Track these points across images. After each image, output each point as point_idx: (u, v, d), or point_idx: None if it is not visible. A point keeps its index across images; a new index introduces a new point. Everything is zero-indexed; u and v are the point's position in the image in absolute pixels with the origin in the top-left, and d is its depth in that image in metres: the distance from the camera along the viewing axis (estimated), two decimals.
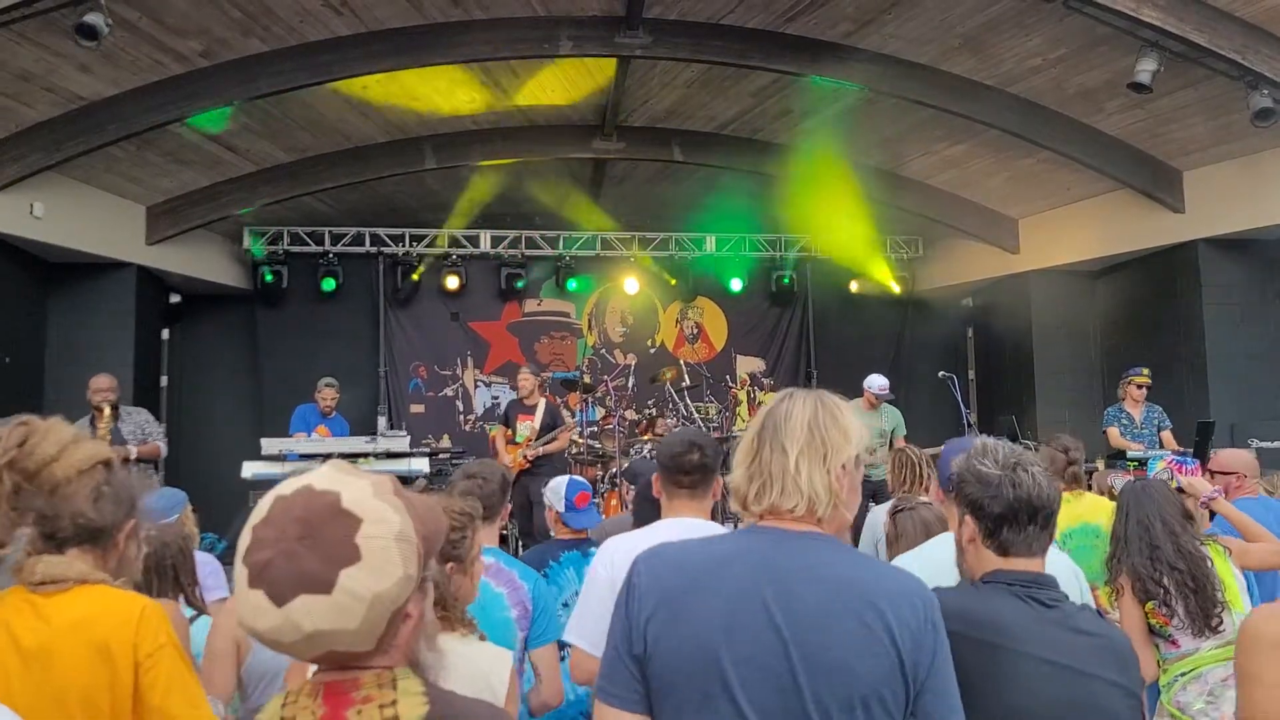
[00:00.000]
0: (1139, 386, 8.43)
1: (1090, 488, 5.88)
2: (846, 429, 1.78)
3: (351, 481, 1.34)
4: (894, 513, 3.49)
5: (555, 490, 4.26)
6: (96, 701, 1.90)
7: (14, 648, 1.88)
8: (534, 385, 9.24)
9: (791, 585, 1.66)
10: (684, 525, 2.88)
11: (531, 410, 9.14)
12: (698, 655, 1.63)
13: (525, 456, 8.89)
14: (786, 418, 1.77)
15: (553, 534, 4.31)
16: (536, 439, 8.97)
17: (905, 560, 2.70)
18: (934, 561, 2.39)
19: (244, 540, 1.29)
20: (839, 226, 11.86)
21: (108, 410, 7.46)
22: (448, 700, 1.38)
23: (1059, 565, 2.89)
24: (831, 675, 1.61)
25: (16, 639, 1.89)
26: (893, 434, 9.19)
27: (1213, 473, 4.99)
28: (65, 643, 1.90)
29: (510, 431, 9.20)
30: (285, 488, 1.34)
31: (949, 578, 2.21)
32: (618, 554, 2.88)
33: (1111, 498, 4.34)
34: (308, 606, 1.24)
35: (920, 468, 4.98)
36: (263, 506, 1.32)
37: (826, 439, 1.75)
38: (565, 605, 3.55)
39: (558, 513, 4.18)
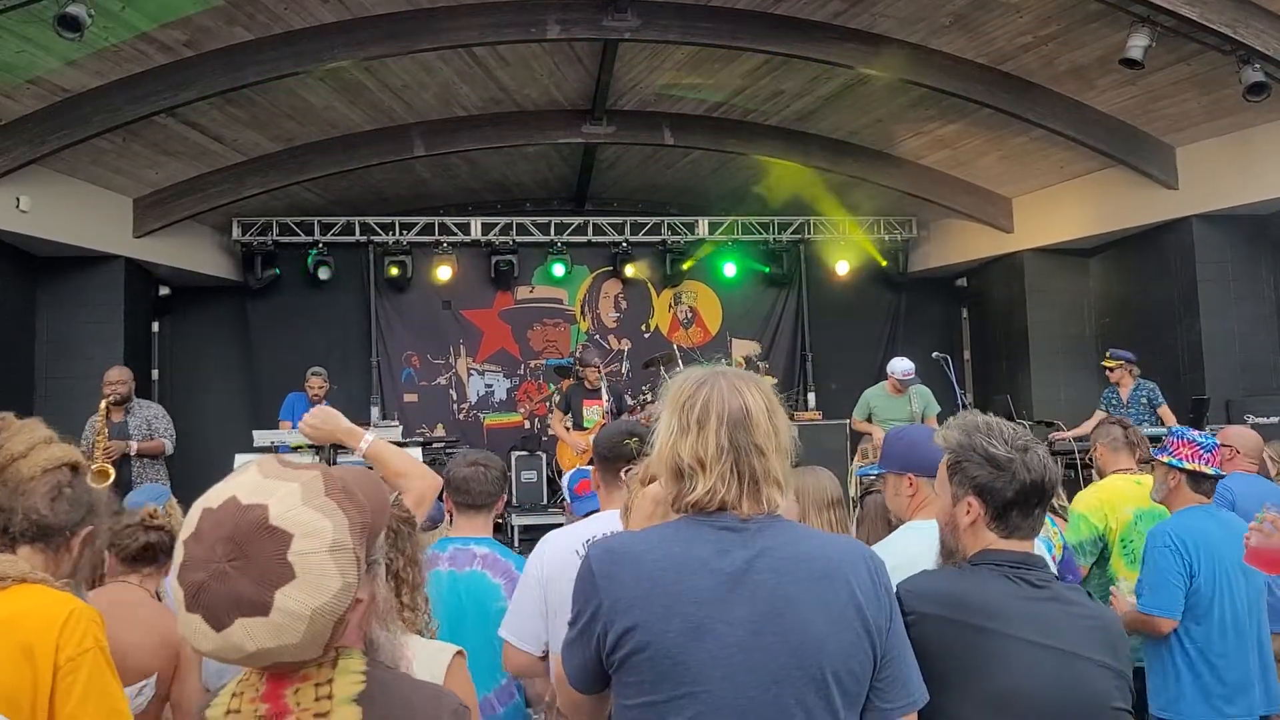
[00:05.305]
0: (1109, 370, 8.59)
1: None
2: (784, 421, 1.79)
3: (279, 488, 1.30)
4: (863, 494, 3.53)
5: (564, 482, 4.28)
6: (19, 704, 1.81)
7: None
8: (601, 372, 9.40)
9: (752, 574, 1.65)
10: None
11: (597, 394, 9.20)
12: (665, 656, 1.62)
13: None
14: (747, 413, 1.72)
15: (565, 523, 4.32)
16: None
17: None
18: (905, 555, 2.29)
19: (177, 555, 1.26)
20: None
21: (103, 405, 7.63)
22: (387, 679, 1.36)
23: None
24: (803, 655, 1.61)
25: None
26: (924, 415, 8.57)
27: None
28: None
29: (567, 416, 9.28)
30: (212, 498, 1.30)
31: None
32: (549, 551, 2.85)
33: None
34: (247, 629, 1.22)
35: None
36: (191, 519, 1.28)
37: (779, 428, 1.76)
38: None
39: (568, 503, 4.17)
